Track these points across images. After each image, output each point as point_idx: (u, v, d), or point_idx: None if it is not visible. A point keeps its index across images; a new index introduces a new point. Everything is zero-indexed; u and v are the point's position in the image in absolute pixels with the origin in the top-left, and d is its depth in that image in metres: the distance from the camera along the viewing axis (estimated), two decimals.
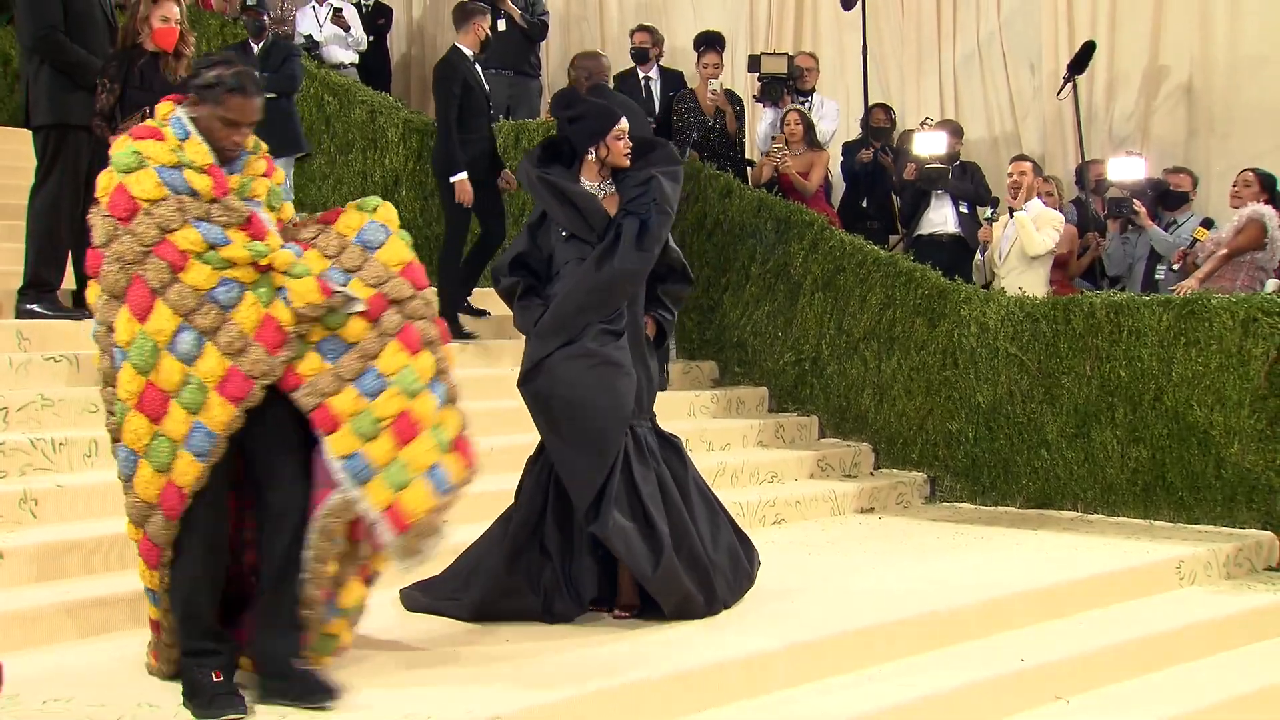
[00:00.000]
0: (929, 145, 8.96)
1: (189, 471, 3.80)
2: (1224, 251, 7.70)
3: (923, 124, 9.57)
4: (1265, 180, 8.12)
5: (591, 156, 5.10)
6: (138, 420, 3.85)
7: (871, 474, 7.78)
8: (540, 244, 5.13)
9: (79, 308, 6.98)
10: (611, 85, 10.67)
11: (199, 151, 3.92)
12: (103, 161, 4.08)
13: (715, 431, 7.62)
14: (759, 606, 5.06)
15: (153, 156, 3.87)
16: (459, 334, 7.67)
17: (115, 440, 4.03)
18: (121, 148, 3.90)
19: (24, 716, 3.80)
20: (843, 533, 6.71)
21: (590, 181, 5.11)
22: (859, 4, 10.01)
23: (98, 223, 3.91)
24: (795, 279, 8.19)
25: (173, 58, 6.69)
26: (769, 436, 7.85)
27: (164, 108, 4.04)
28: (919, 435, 7.75)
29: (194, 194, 3.86)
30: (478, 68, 8.32)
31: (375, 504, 3.82)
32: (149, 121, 4.03)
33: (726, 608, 5.02)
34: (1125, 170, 8.75)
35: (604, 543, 4.85)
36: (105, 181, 3.90)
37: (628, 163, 5.11)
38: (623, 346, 5.01)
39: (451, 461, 3.95)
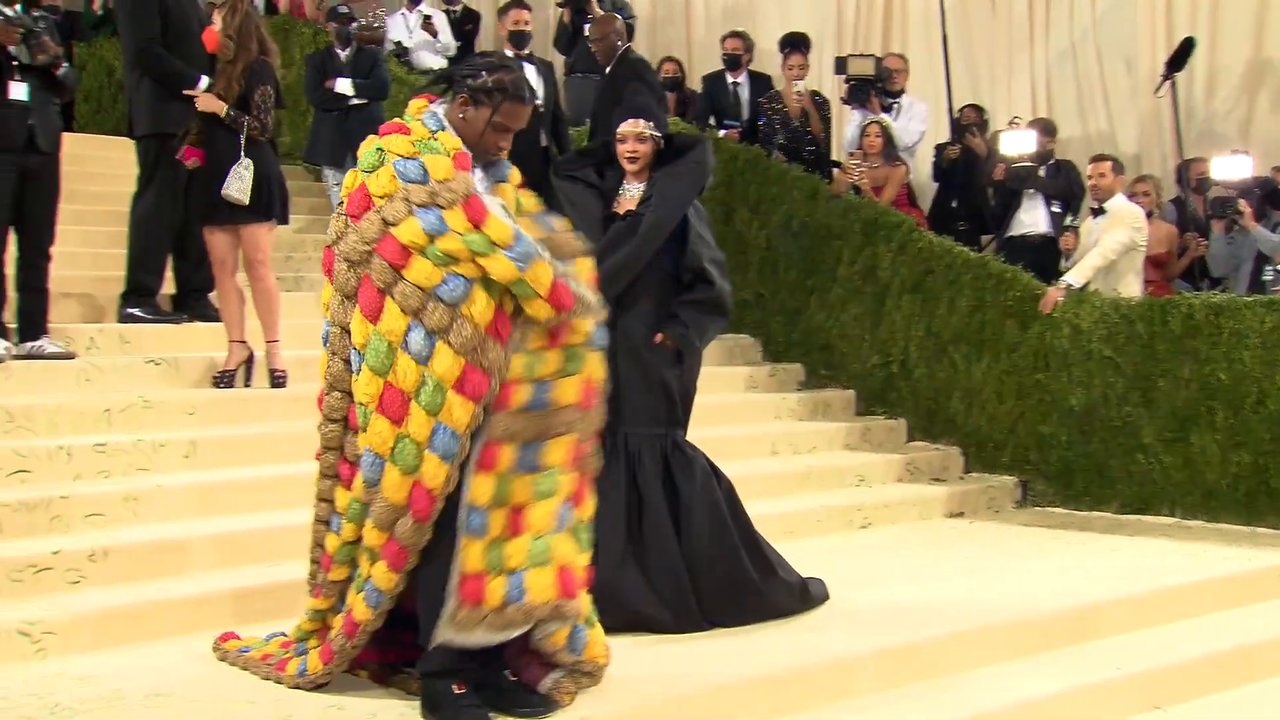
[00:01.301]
0: (1017, 144, 8.89)
1: (438, 474, 3.68)
2: None
3: (1011, 123, 9.47)
4: None
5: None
6: (380, 423, 3.73)
7: (961, 478, 7.72)
8: None
9: (178, 312, 7.16)
10: (698, 87, 10.74)
11: (450, 141, 3.85)
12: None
13: (802, 434, 7.61)
14: (846, 611, 5.04)
15: (393, 150, 3.80)
16: None
17: (327, 449, 4.04)
18: (367, 146, 3.87)
19: (125, 711, 3.89)
20: (931, 537, 6.67)
21: (632, 184, 5.09)
22: None
23: (332, 220, 3.92)
24: (883, 281, 8.15)
25: (227, 63, 6.67)
26: (856, 439, 7.82)
27: (417, 104, 3.98)
28: (1010, 439, 7.68)
29: (424, 178, 3.75)
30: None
31: (463, 564, 3.70)
32: (398, 118, 3.96)
33: (716, 627, 4.84)
34: (1230, 169, 8.59)
35: None
36: (349, 180, 3.89)
37: (628, 166, 5.07)
38: None
39: (538, 580, 3.73)
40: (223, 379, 6.52)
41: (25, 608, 4.51)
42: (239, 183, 6.52)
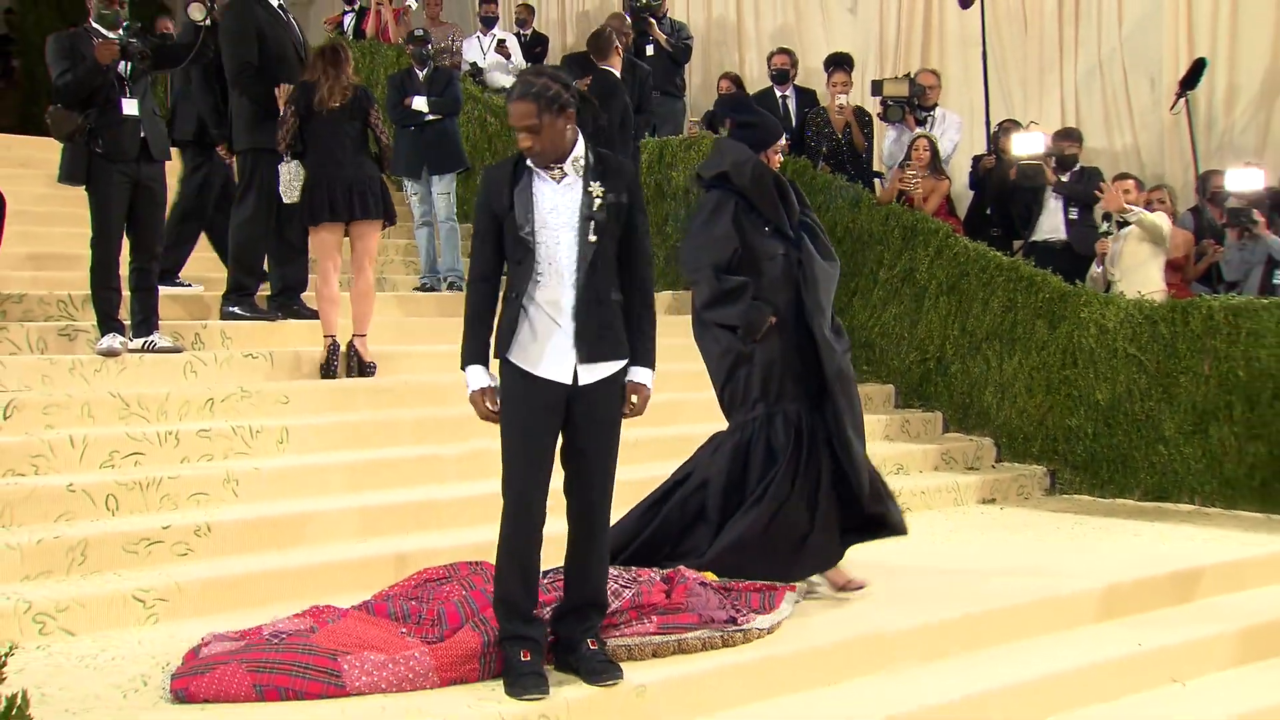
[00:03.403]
0: (1026, 145, 8.86)
1: None
2: None
3: (1028, 126, 9.41)
4: None
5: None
6: None
7: (993, 467, 7.68)
8: (732, 239, 4.91)
9: (273, 311, 7.27)
10: (721, 89, 10.77)
11: None
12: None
13: None
14: (886, 590, 5.01)
15: None
16: None
17: None
18: None
19: None
20: (965, 522, 6.65)
21: None
22: (977, 4, 9.84)
23: None
24: (921, 283, 8.13)
25: (325, 91, 6.84)
26: (895, 431, 7.80)
27: None
28: (1039, 431, 7.64)
29: None
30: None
31: None
32: None
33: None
34: (1243, 181, 8.49)
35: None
36: None
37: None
38: None
39: None
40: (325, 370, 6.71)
41: (139, 576, 4.63)
42: (284, 184, 6.83)
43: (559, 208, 3.85)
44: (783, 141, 5.12)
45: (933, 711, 4.10)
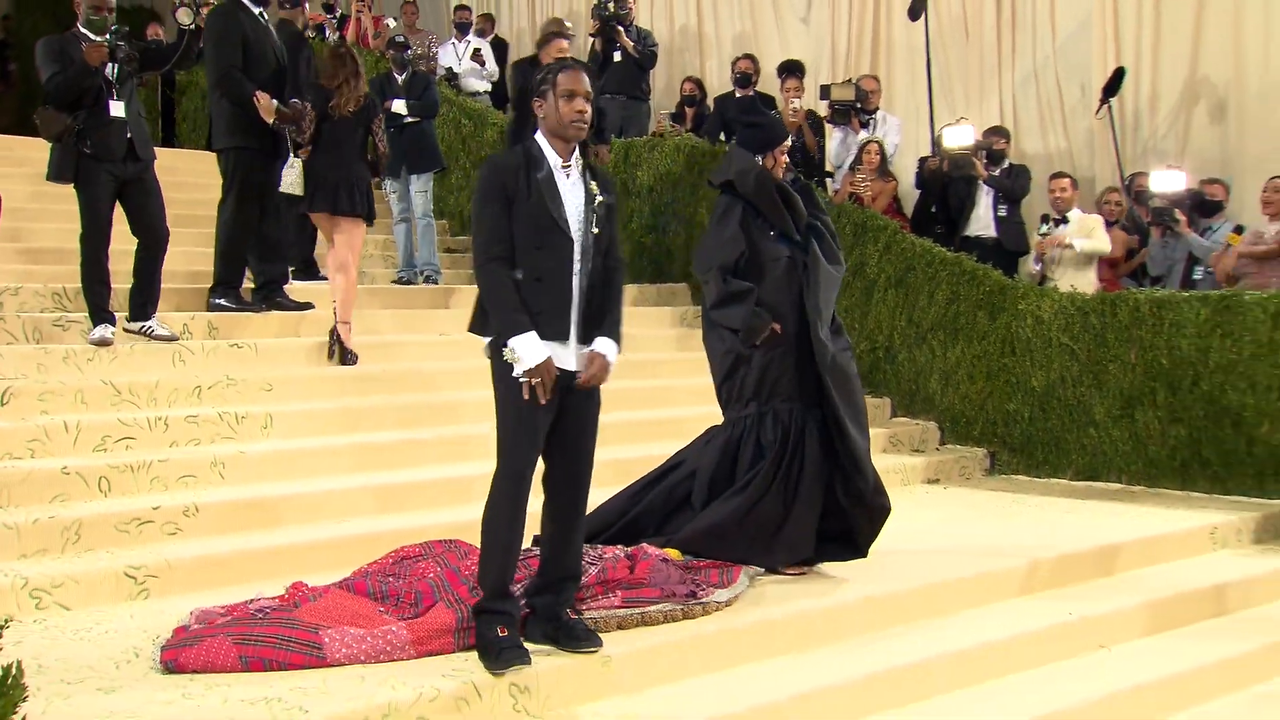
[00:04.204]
0: (957, 138, 8.94)
1: None
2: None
3: (957, 121, 9.50)
4: None
5: (757, 162, 5.03)
6: None
7: (937, 449, 7.74)
8: (739, 242, 4.93)
9: (258, 303, 7.22)
10: (710, 106, 10.75)
11: None
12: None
13: None
14: (835, 567, 5.03)
15: None
16: None
17: None
18: None
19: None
20: (912, 502, 6.68)
21: None
22: (923, 17, 9.89)
23: None
24: (870, 277, 8.17)
25: (342, 97, 7.01)
26: None
27: None
28: (980, 415, 7.70)
29: None
30: None
31: None
32: None
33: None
34: (1166, 182, 8.59)
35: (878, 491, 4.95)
36: None
37: (781, 174, 5.05)
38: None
39: None
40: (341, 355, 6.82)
41: (130, 554, 4.62)
42: (286, 176, 7.01)
43: (569, 200, 3.87)
44: (788, 142, 5.08)
45: (880, 676, 4.13)
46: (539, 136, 3.94)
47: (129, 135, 6.10)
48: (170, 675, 3.63)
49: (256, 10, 7.28)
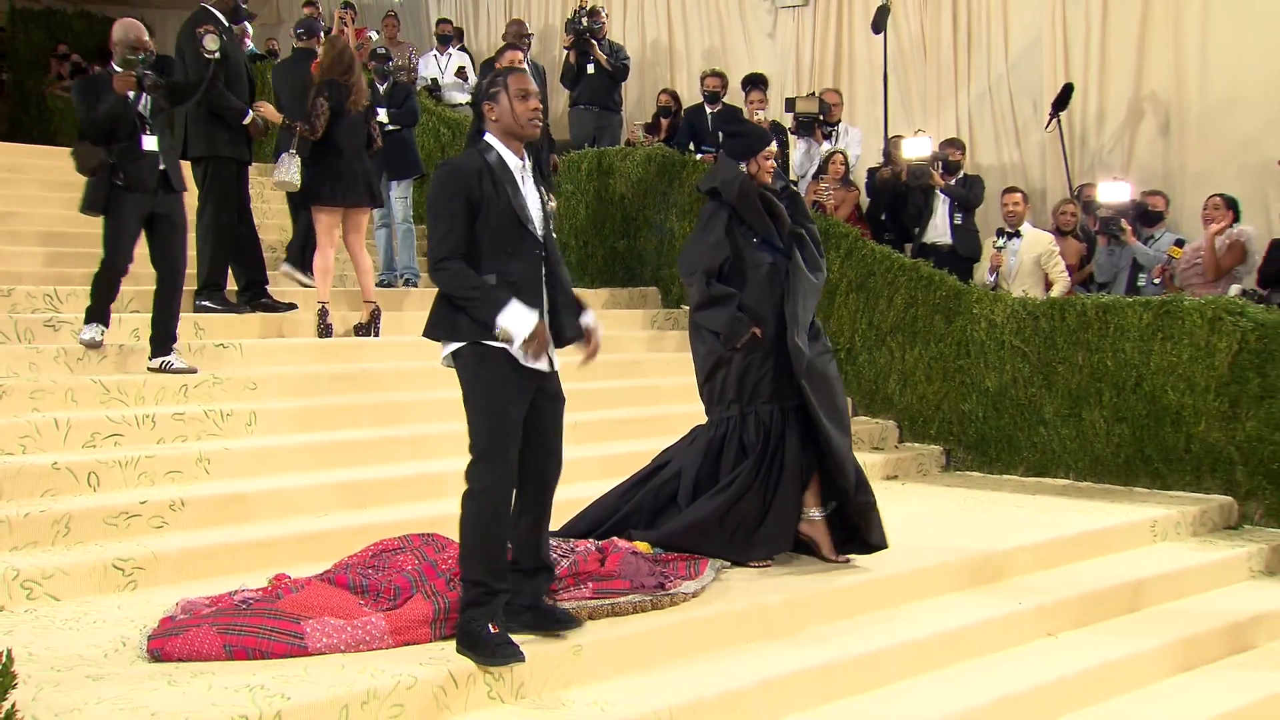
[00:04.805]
0: (915, 149, 9.01)
1: None
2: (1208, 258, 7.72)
3: (915, 132, 9.57)
4: (1230, 202, 8.05)
5: (742, 170, 5.03)
6: None
7: (896, 447, 7.77)
8: (723, 248, 4.96)
9: (243, 304, 7.19)
10: (660, 102, 10.81)
11: None
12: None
13: None
14: (797, 560, 5.07)
15: None
16: None
17: None
18: None
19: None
20: None
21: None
22: (884, 32, 9.95)
23: None
24: (832, 282, 8.18)
25: (357, 94, 7.23)
26: None
27: None
28: (937, 414, 7.74)
29: None
30: None
31: None
32: None
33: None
34: (1112, 193, 8.67)
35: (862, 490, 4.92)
36: None
37: (769, 179, 5.05)
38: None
39: None
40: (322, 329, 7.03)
41: (119, 547, 4.58)
42: (284, 170, 7.02)
43: (530, 200, 3.84)
44: (772, 147, 5.07)
45: (837, 665, 4.15)
46: (491, 139, 3.86)
47: (162, 167, 5.98)
48: (157, 664, 3.62)
49: (228, 24, 7.33)
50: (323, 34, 8.48)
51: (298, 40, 8.37)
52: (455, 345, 3.76)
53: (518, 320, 3.63)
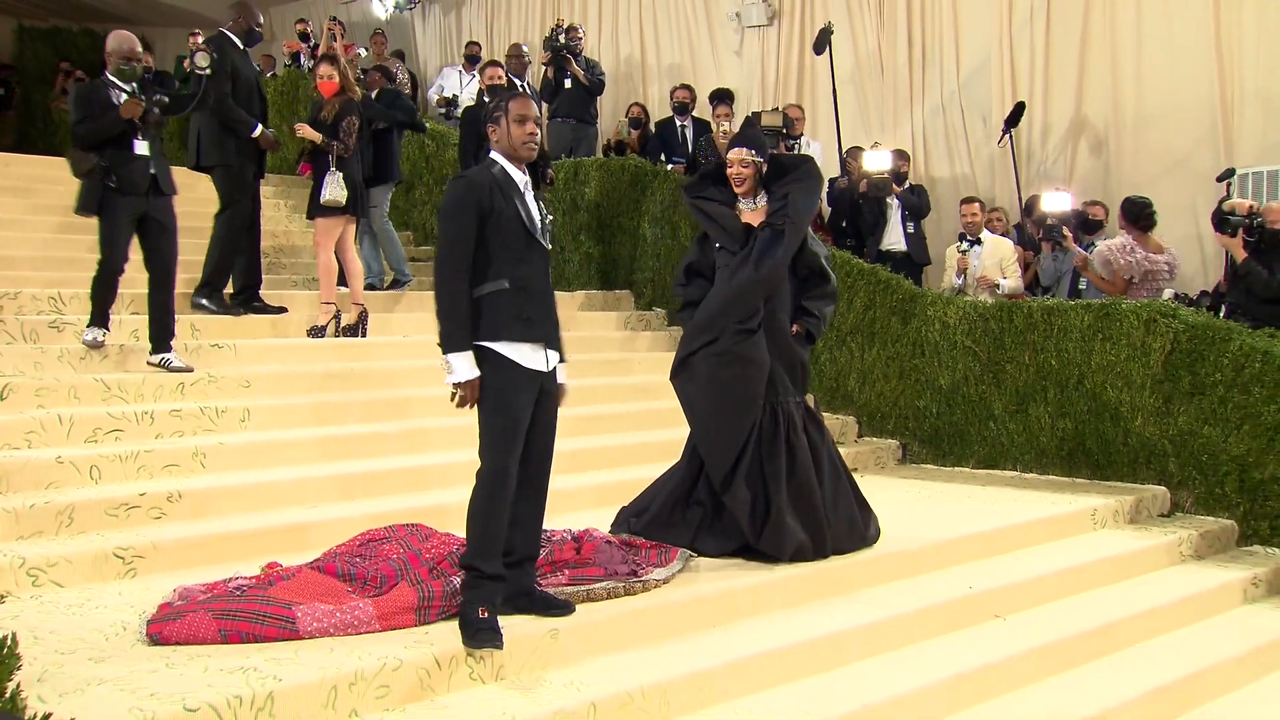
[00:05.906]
0: (876, 162, 9.04)
1: None
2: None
3: (873, 145, 9.60)
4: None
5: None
6: None
7: (855, 441, 7.79)
8: (706, 254, 5.08)
9: (238, 306, 7.14)
10: (635, 113, 10.80)
11: None
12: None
13: None
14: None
15: None
16: None
17: None
18: None
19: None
20: None
21: (743, 199, 5.05)
22: (828, 50, 9.94)
23: None
24: None
25: (328, 104, 7.27)
26: None
27: None
28: (893, 410, 7.77)
29: None
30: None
31: None
32: None
33: (838, 554, 4.92)
34: (1056, 202, 8.73)
35: (728, 505, 4.82)
36: None
37: (737, 187, 5.02)
38: (757, 343, 4.85)
39: None
40: (317, 331, 7.01)
41: (119, 536, 4.55)
42: (332, 189, 7.12)
43: (535, 213, 3.91)
44: (731, 155, 5.03)
45: (799, 646, 4.16)
46: (496, 156, 3.94)
47: (152, 171, 5.93)
48: (155, 647, 3.59)
49: (243, 47, 7.35)
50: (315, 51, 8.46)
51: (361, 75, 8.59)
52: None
53: (463, 368, 3.72)
